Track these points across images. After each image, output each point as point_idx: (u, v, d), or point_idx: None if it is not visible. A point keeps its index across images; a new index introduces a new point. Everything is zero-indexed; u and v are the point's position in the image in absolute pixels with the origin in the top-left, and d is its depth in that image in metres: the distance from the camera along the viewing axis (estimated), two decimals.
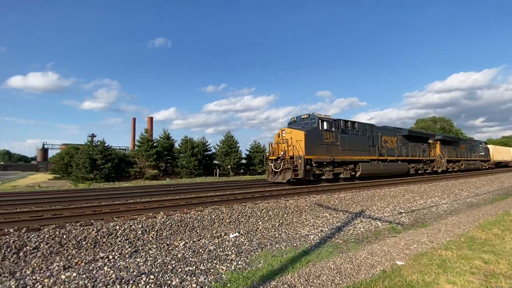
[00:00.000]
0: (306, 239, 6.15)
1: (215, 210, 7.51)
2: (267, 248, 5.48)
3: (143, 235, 5.77)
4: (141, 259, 4.75)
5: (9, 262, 4.44)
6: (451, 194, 13.77)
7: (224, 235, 6.15)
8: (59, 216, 6.47)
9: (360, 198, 10.85)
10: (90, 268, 4.33)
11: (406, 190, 13.28)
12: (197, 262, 4.64)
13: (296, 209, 8.54)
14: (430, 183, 15.95)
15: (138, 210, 7.31)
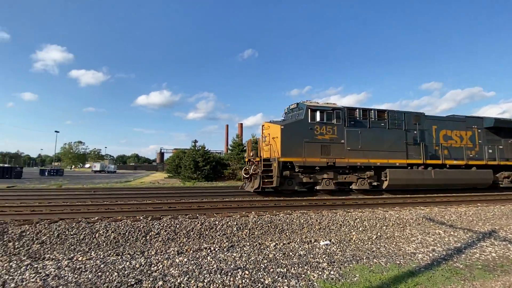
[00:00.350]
0: (412, 258, 5.24)
1: (303, 214, 7.39)
2: (363, 262, 4.96)
3: (237, 231, 6.24)
4: (237, 254, 5.13)
5: (139, 243, 5.60)
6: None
7: (314, 242, 5.95)
8: (173, 208, 7.77)
9: (490, 214, 8.50)
10: (197, 256, 4.98)
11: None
12: (288, 265, 4.64)
13: (398, 221, 7.44)
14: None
15: (232, 208, 7.99)
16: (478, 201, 10.08)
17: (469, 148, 12.82)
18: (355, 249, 5.67)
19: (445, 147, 12.43)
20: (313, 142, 10.55)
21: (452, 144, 12.64)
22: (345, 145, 10.84)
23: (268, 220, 6.85)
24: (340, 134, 10.88)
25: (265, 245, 5.75)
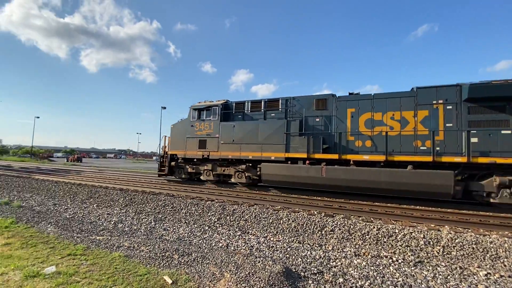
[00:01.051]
0: None
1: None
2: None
3: (426, 246, 5.19)
4: (429, 273, 4.27)
5: (316, 236, 5.98)
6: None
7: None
8: (344, 208, 7.71)
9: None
10: (377, 263, 4.62)
11: None
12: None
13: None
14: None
15: (415, 217, 6.77)
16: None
17: (426, 136, 8.20)
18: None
19: (367, 137, 9.08)
20: (192, 137, 12.10)
21: (384, 132, 8.70)
22: (219, 139, 11.42)
23: (472, 240, 5.20)
24: (216, 129, 11.62)
25: (470, 271, 4.41)
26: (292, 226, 6.24)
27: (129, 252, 5.00)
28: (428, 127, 8.39)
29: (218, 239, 5.80)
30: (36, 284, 3.51)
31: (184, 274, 4.08)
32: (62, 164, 33.75)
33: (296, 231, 6.05)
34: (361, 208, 7.76)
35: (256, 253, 5.03)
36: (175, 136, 12.77)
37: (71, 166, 27.35)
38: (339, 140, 9.48)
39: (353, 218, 6.51)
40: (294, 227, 6.19)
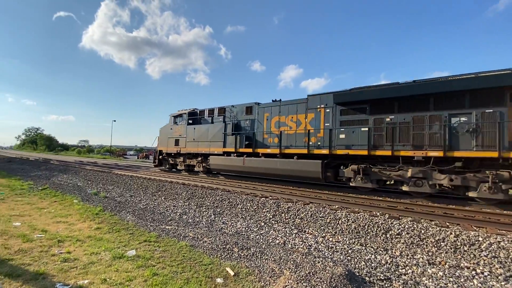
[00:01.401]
0: None
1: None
2: None
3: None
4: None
5: (380, 239, 5.52)
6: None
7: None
8: (411, 210, 6.96)
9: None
10: (456, 274, 4.05)
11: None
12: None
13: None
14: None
15: (503, 224, 5.71)
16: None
17: (313, 134, 10.47)
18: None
19: (275, 135, 11.58)
20: (171, 137, 15.95)
21: (285, 131, 11.29)
22: (186, 138, 15.06)
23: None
24: (184, 131, 15.26)
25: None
26: (352, 227, 5.89)
27: (194, 242, 5.41)
28: (313, 127, 10.58)
29: (274, 235, 5.85)
30: (121, 264, 4.06)
31: (245, 267, 4.22)
32: (134, 160, 38.50)
33: (356, 233, 5.70)
34: (433, 211, 6.89)
35: (314, 252, 4.90)
36: (161, 137, 16.94)
37: (141, 163, 30.96)
38: (254, 138, 12.24)
39: (424, 222, 5.82)
40: (354, 228, 5.84)
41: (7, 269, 3.56)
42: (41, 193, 10.15)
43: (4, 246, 4.38)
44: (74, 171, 16.71)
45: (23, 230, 5.39)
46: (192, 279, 3.72)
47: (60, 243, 4.80)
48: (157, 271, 3.88)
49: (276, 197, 8.39)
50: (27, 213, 7.00)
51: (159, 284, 3.48)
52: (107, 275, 3.63)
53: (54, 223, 6.20)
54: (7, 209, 7.25)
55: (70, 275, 3.60)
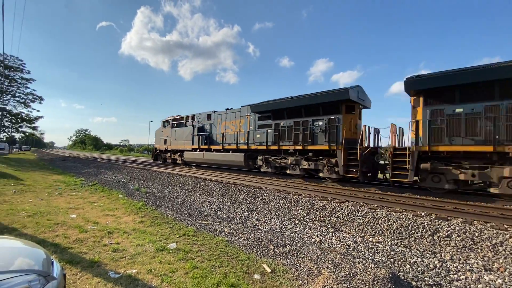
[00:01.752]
0: None
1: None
2: None
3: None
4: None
5: (426, 241, 5.12)
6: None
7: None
8: (461, 210, 6.35)
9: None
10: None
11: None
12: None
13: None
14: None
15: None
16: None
17: (242, 134, 14.95)
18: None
19: (223, 135, 16.15)
20: (162, 138, 21.50)
21: (229, 132, 15.98)
22: (171, 139, 20.25)
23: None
24: (169, 133, 20.48)
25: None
26: (394, 227, 5.55)
27: (229, 237, 5.52)
28: (244, 129, 14.82)
29: (310, 234, 5.74)
30: (164, 256, 4.29)
31: (281, 265, 4.20)
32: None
33: (399, 234, 5.35)
34: (487, 212, 6.21)
35: (353, 253, 4.71)
36: (156, 137, 22.65)
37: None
38: (210, 138, 17.14)
39: (478, 224, 5.27)
40: (396, 229, 5.49)
41: (68, 256, 3.96)
42: (91, 188, 11.15)
43: (64, 235, 4.89)
44: (118, 168, 18.09)
45: (78, 221, 5.96)
46: (230, 274, 3.79)
47: (109, 234, 5.21)
48: (197, 264, 4.03)
49: (309, 194, 8.23)
50: (80, 206, 7.73)
51: (199, 277, 3.61)
52: (151, 266, 3.86)
53: (103, 216, 6.76)
54: (65, 203, 8.08)
55: (119, 264, 3.89)
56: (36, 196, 8.87)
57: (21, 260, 2.19)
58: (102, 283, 3.27)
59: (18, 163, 23.69)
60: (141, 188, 11.32)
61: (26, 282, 1.87)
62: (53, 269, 2.25)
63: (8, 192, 9.02)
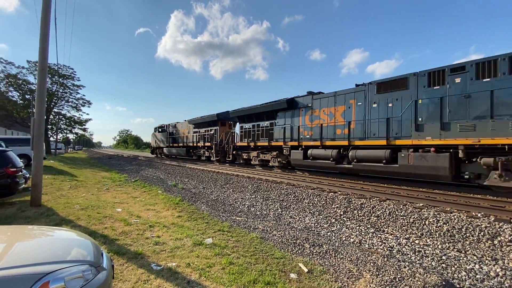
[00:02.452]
0: None
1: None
2: None
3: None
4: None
5: (484, 246, 4.56)
6: None
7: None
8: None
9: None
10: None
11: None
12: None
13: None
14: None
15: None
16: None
17: (184, 137, 25.50)
18: None
19: (183, 137, 25.80)
20: (155, 139, 31.74)
21: (181, 135, 26.18)
22: (157, 140, 31.09)
23: None
24: (158, 137, 30.55)
25: None
26: (444, 229, 5.04)
27: (264, 234, 5.49)
28: (187, 134, 26.78)
29: (348, 233, 5.47)
30: (201, 251, 4.40)
31: (318, 265, 4.05)
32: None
33: (450, 236, 4.85)
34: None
35: (398, 255, 4.37)
36: (151, 138, 33.40)
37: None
38: (175, 139, 28.15)
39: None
40: (447, 231, 4.98)
41: (115, 248, 4.26)
42: (134, 184, 11.96)
43: (111, 228, 5.27)
44: (156, 165, 19.19)
45: (123, 215, 6.40)
46: (266, 271, 3.75)
47: (151, 228, 5.51)
48: (233, 260, 4.06)
49: (346, 192, 7.87)
50: (125, 201, 8.32)
51: (235, 273, 3.63)
52: (190, 260, 3.98)
53: (145, 210, 7.18)
54: (111, 197, 8.76)
55: (161, 257, 4.08)
56: (88, 191, 9.75)
57: (76, 251, 2.37)
58: (145, 274, 3.44)
59: (73, 161, 26.38)
60: (178, 184, 11.85)
61: (80, 272, 2.00)
62: (103, 260, 2.39)
63: (65, 187, 10.04)
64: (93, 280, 2.04)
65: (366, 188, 8.52)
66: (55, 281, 1.79)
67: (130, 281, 3.25)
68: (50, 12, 6.43)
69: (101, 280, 2.12)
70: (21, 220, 5.34)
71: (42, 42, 6.31)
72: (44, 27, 6.32)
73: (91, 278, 2.03)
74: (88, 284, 1.98)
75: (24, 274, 1.76)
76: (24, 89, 27.67)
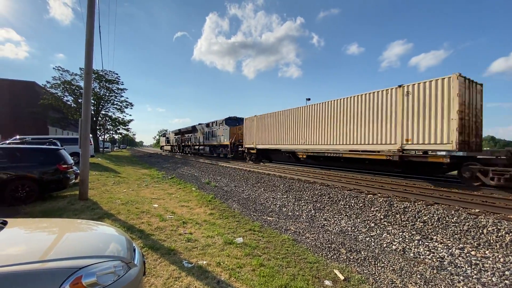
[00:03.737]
0: None
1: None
2: None
3: None
4: None
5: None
6: None
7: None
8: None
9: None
10: None
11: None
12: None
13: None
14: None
15: None
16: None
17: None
18: None
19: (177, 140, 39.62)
20: (163, 140, 51.80)
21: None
22: (164, 142, 50.10)
23: None
24: (164, 139, 51.32)
25: None
26: (507, 240, 4.34)
27: (296, 236, 5.28)
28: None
29: (389, 240, 5.00)
30: (232, 250, 4.35)
31: (356, 273, 3.73)
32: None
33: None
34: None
35: (450, 268, 3.85)
36: (160, 140, 56.15)
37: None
38: (168, 141, 49.59)
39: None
40: (510, 242, 4.28)
41: (150, 242, 4.40)
42: (170, 181, 12.50)
43: (148, 223, 5.50)
44: (191, 163, 19.91)
45: (159, 211, 6.66)
46: (299, 276, 3.56)
47: (184, 224, 5.63)
48: (264, 262, 3.93)
49: (386, 194, 7.27)
50: (161, 197, 8.70)
51: (266, 276, 3.49)
52: (220, 259, 3.94)
53: (179, 206, 7.41)
54: (149, 193, 9.22)
55: (192, 254, 4.11)
56: (129, 187, 10.41)
57: (112, 246, 2.43)
58: (177, 271, 3.48)
59: (117, 159, 28.63)
60: (210, 182, 12.11)
61: (112, 268, 2.03)
62: (135, 256, 2.42)
63: (109, 183, 10.85)
64: (124, 276, 2.05)
65: (410, 190, 7.78)
66: (87, 276, 1.82)
67: (162, 277, 3.29)
68: (94, 20, 6.93)
69: (132, 276, 2.13)
70: (70, 213, 5.82)
71: (87, 48, 6.83)
72: (89, 36, 6.83)
73: (122, 274, 2.05)
74: (119, 280, 1.99)
75: (61, 267, 1.81)
76: (77, 93, 30.68)
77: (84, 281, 1.79)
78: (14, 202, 6.28)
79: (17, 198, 6.34)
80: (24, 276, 1.68)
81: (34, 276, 1.72)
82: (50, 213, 5.76)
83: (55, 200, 6.96)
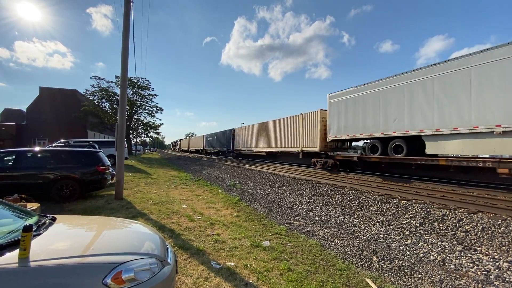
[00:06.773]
0: None
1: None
2: None
3: None
4: None
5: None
6: None
7: None
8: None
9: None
10: None
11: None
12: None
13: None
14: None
15: None
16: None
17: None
18: None
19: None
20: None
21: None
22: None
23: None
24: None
25: None
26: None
27: (324, 242, 5.14)
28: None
29: (426, 249, 4.67)
30: (258, 253, 4.34)
31: (390, 283, 3.53)
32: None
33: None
34: None
35: (497, 282, 3.50)
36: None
37: (266, 160, 33.93)
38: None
39: None
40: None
41: (180, 242, 4.55)
42: (197, 183, 12.86)
43: (177, 223, 5.70)
44: (217, 166, 20.32)
45: (188, 211, 6.87)
46: (328, 283, 3.45)
47: (211, 225, 5.75)
48: (291, 266, 3.87)
49: (422, 200, 6.82)
50: (189, 198, 8.97)
51: (294, 281, 3.44)
52: (247, 262, 3.95)
53: (206, 208, 7.58)
54: (178, 194, 9.56)
55: (220, 255, 4.17)
56: (159, 187, 10.88)
57: (147, 244, 2.55)
58: (206, 271, 3.55)
59: (148, 161, 30.11)
60: (236, 184, 12.24)
61: (148, 265, 2.12)
62: (168, 254, 2.52)
63: (142, 184, 11.44)
64: (159, 273, 2.14)
65: (449, 197, 7.22)
66: (126, 271, 1.93)
67: (192, 277, 3.38)
68: (129, 30, 7.40)
69: (166, 273, 2.21)
70: (107, 211, 6.21)
71: (123, 57, 7.31)
72: (124, 46, 7.31)
73: (157, 271, 2.14)
74: (154, 277, 2.08)
75: (104, 262, 1.94)
76: (113, 99, 32.90)
77: (124, 276, 1.90)
78: (59, 199, 6.86)
79: (62, 196, 6.92)
80: (69, 269, 1.83)
81: (79, 269, 1.86)
82: (90, 211, 6.21)
83: (94, 199, 7.48)
